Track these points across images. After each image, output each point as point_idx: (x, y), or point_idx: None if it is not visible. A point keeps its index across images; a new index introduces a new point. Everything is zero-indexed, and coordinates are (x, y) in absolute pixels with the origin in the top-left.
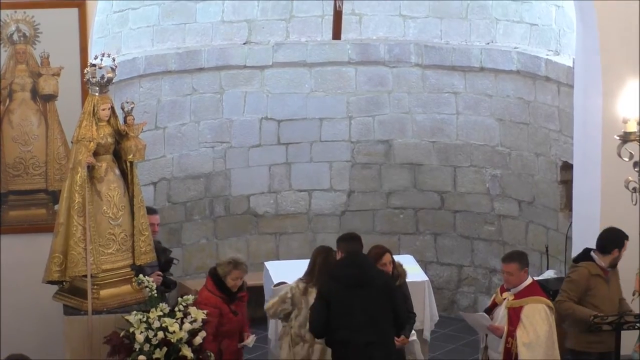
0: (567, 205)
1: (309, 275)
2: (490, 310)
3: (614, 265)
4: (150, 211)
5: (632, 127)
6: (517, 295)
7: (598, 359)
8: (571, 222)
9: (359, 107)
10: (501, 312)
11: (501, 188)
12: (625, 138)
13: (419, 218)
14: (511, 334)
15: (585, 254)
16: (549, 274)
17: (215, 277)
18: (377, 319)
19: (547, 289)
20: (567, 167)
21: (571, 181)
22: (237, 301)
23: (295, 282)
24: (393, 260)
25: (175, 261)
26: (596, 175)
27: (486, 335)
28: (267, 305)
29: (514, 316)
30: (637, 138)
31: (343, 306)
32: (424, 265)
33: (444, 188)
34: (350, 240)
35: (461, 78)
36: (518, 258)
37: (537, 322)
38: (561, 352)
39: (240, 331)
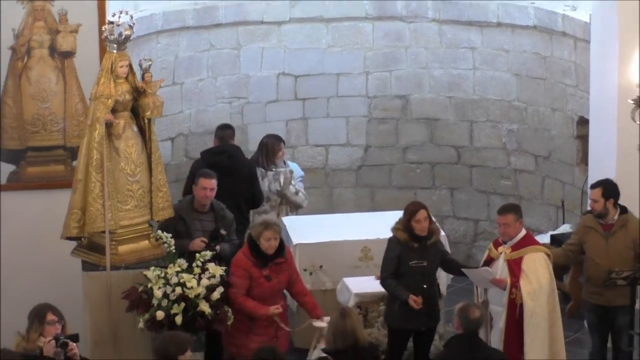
0: (583, 159)
1: None
2: (487, 265)
3: (598, 215)
4: (206, 175)
5: None
6: (515, 247)
7: (598, 309)
8: (587, 177)
9: (376, 62)
10: (500, 266)
11: (517, 143)
12: None
13: (436, 173)
14: (514, 284)
15: None
16: (565, 228)
17: (250, 241)
18: (240, 201)
19: (562, 243)
20: (583, 122)
21: (587, 136)
22: (273, 266)
23: None
24: (429, 217)
25: (223, 232)
26: (612, 131)
27: (485, 290)
28: None
29: (515, 267)
30: None
31: None
32: (440, 219)
33: (460, 143)
34: (224, 128)
35: (478, 33)
36: (513, 209)
37: (539, 270)
38: (579, 305)
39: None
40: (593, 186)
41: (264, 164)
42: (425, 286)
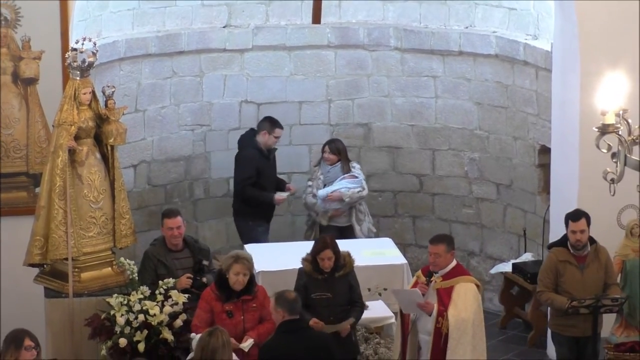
0: (545, 188)
1: None
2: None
3: (575, 247)
4: (168, 214)
5: (610, 119)
6: (445, 277)
7: (569, 341)
8: (549, 205)
9: (339, 90)
10: (429, 294)
11: (479, 171)
12: (604, 130)
13: (398, 201)
14: (441, 313)
15: (562, 239)
16: (527, 257)
17: (219, 274)
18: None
19: (524, 272)
20: (545, 151)
21: (549, 165)
22: (238, 303)
23: None
24: (336, 254)
25: (205, 262)
26: (574, 159)
27: (414, 317)
28: None
29: (445, 296)
30: (616, 130)
31: None
32: (403, 247)
33: (422, 171)
34: (262, 120)
35: (440, 62)
36: (445, 240)
37: (469, 300)
38: (540, 334)
39: (240, 336)
40: (576, 218)
41: None
42: (332, 318)
